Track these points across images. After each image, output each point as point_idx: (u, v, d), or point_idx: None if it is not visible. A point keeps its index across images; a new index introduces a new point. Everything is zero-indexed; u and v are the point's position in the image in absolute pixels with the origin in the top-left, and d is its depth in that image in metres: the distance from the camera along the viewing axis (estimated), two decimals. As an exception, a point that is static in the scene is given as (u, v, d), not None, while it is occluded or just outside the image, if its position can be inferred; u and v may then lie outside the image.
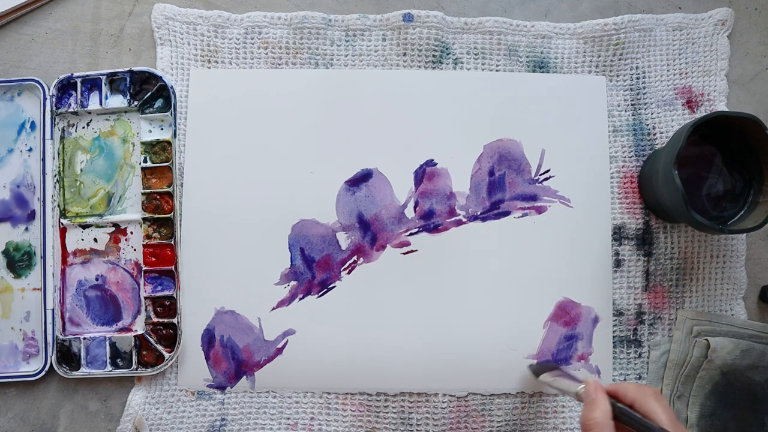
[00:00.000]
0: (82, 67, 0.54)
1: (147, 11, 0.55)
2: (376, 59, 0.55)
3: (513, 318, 0.53)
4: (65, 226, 0.53)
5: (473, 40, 0.55)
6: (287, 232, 0.53)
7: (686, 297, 0.54)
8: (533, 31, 0.55)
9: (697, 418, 0.51)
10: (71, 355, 0.51)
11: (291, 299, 0.52)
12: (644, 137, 0.55)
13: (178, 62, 0.54)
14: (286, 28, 0.55)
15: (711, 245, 0.54)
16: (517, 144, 0.54)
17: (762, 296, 0.54)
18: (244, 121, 0.54)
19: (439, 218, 0.53)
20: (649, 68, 0.56)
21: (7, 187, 0.53)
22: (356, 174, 0.54)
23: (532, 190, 0.54)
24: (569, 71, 0.55)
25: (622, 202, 0.54)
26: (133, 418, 0.51)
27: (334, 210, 0.53)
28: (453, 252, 0.53)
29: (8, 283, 0.52)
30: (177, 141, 0.53)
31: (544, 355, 0.53)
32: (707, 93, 0.55)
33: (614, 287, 0.54)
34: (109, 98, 0.53)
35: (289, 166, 0.53)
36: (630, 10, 0.57)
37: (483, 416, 0.52)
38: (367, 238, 0.53)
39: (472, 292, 0.53)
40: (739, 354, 0.51)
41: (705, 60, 0.56)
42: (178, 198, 0.53)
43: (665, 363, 0.53)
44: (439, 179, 0.54)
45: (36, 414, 0.51)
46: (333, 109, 0.54)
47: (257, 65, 0.55)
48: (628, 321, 0.53)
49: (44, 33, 0.55)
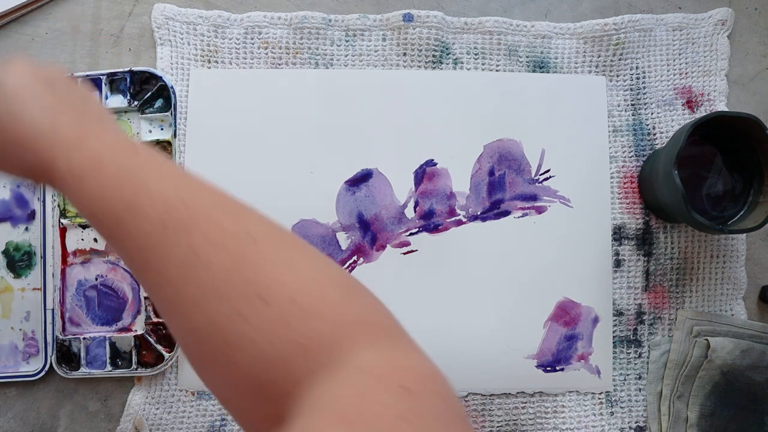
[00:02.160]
0: (82, 67, 0.54)
1: (147, 11, 0.55)
2: (376, 59, 0.55)
3: (513, 318, 0.53)
4: (65, 226, 0.53)
5: (473, 40, 0.55)
6: (287, 232, 0.53)
7: (686, 297, 0.54)
8: (533, 31, 0.55)
9: (697, 418, 0.51)
10: (71, 355, 0.51)
11: (291, 299, 0.52)
12: (644, 137, 0.55)
13: (178, 62, 0.54)
14: (286, 28, 0.55)
15: (711, 245, 0.54)
16: (517, 144, 0.54)
17: (762, 296, 0.54)
18: (244, 121, 0.54)
19: (439, 218, 0.53)
20: (649, 68, 0.56)
21: (7, 187, 0.53)
22: (356, 174, 0.54)
23: (532, 190, 0.54)
24: (569, 71, 0.55)
25: (622, 202, 0.54)
26: (133, 418, 0.51)
27: (334, 210, 0.53)
28: (453, 252, 0.53)
29: (8, 283, 0.52)
30: (177, 141, 0.53)
31: (544, 355, 0.53)
32: (707, 93, 0.55)
33: (614, 287, 0.54)
34: (109, 98, 0.53)
35: (289, 166, 0.53)
36: (630, 10, 0.57)
37: (483, 416, 0.52)
38: (367, 238, 0.53)
39: (472, 292, 0.53)
40: (739, 354, 0.51)
41: (705, 60, 0.56)
42: (178, 198, 0.53)
43: (665, 363, 0.53)
44: (439, 179, 0.54)
45: (36, 414, 0.51)
46: (333, 109, 0.54)
47: (257, 65, 0.55)
48: (628, 321, 0.53)
49: (44, 33, 0.55)
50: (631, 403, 0.53)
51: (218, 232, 0.28)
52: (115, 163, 0.31)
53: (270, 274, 0.26)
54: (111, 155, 0.32)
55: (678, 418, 0.51)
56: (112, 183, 0.30)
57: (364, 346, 0.25)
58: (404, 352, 0.27)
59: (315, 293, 0.26)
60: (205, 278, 0.26)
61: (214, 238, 0.27)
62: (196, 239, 0.27)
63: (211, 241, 0.27)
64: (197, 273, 0.27)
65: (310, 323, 0.25)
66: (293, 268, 0.27)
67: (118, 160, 0.31)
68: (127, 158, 0.32)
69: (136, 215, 0.29)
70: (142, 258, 0.29)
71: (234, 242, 0.27)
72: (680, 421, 0.51)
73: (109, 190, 0.30)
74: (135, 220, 0.29)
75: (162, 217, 0.28)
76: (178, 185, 0.30)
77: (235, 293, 0.26)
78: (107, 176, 0.31)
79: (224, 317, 0.26)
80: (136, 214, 0.29)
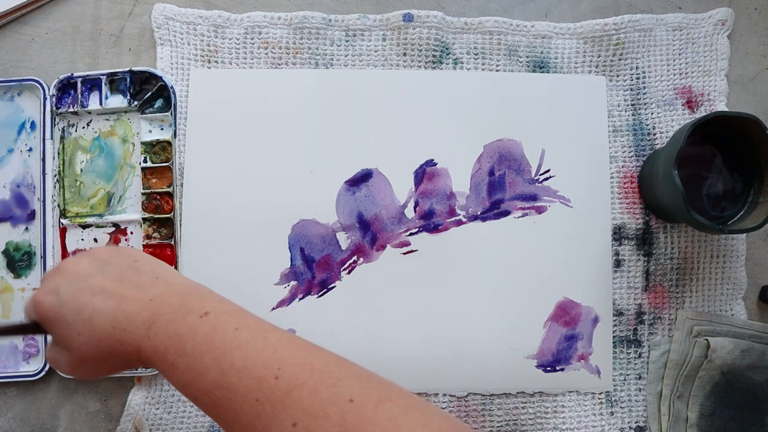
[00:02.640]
0: (82, 67, 0.54)
1: (147, 11, 0.55)
2: (376, 59, 0.55)
3: (513, 318, 0.53)
4: (65, 226, 0.53)
5: (473, 40, 0.55)
6: (287, 232, 0.53)
7: (686, 297, 0.54)
8: (533, 31, 0.55)
9: (697, 418, 0.51)
10: (71, 355, 0.51)
11: (291, 299, 0.52)
12: (644, 137, 0.55)
13: (178, 62, 0.54)
14: (286, 28, 0.55)
15: (711, 245, 0.54)
16: (517, 144, 0.54)
17: (762, 296, 0.54)
18: (244, 121, 0.54)
19: (439, 218, 0.53)
20: (649, 68, 0.56)
21: (7, 187, 0.53)
22: (356, 174, 0.54)
23: (532, 190, 0.54)
24: (569, 71, 0.55)
25: (622, 202, 0.54)
26: (133, 418, 0.51)
27: (334, 210, 0.53)
28: (453, 252, 0.53)
29: (8, 283, 0.52)
30: (177, 141, 0.53)
31: (544, 355, 0.53)
32: (707, 93, 0.55)
33: (614, 287, 0.54)
34: (109, 98, 0.53)
35: (289, 166, 0.53)
36: (630, 10, 0.57)
37: (483, 416, 0.52)
38: (367, 238, 0.53)
39: (472, 292, 0.53)
40: (739, 354, 0.51)
41: (705, 60, 0.56)
42: (178, 198, 0.53)
43: (665, 363, 0.53)
44: (439, 179, 0.54)
45: (36, 414, 0.51)
46: (333, 109, 0.54)
47: (257, 65, 0.55)
48: (628, 321, 0.53)
49: (44, 33, 0.55)
50: (631, 403, 0.53)
51: (317, 403, 0.28)
52: (193, 340, 0.32)
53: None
54: (185, 329, 0.33)
55: (678, 418, 0.51)
56: (196, 362, 0.31)
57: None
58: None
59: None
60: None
61: (314, 411, 0.28)
62: (296, 414, 0.28)
63: (312, 414, 0.28)
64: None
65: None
66: (394, 423, 0.27)
67: (194, 335, 0.32)
68: (202, 330, 0.32)
69: (229, 394, 0.30)
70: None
71: (334, 409, 0.28)
72: (680, 421, 0.51)
73: (195, 373, 0.31)
74: (229, 400, 0.30)
75: (255, 394, 0.29)
76: (261, 351, 0.31)
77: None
78: (191, 357, 0.31)
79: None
80: (228, 392, 0.30)
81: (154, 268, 0.38)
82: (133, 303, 0.35)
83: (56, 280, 0.36)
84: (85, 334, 0.34)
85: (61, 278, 0.36)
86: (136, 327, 0.34)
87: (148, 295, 0.35)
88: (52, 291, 0.36)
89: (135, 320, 0.34)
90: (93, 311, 0.34)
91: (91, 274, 0.36)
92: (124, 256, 0.38)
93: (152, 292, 0.35)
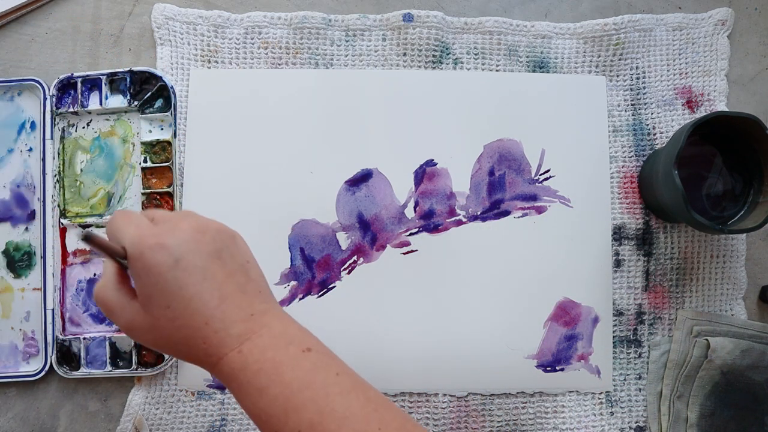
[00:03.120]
0: (82, 67, 0.54)
1: (147, 11, 0.55)
2: (376, 59, 0.55)
3: (513, 318, 0.53)
4: (65, 226, 0.53)
5: (473, 40, 0.55)
6: (287, 232, 0.53)
7: (686, 297, 0.54)
8: (533, 31, 0.55)
9: (697, 418, 0.51)
10: (71, 355, 0.51)
11: (291, 299, 0.52)
12: (644, 137, 0.55)
13: (178, 62, 0.54)
14: (286, 28, 0.55)
15: (711, 245, 0.54)
16: (517, 144, 0.54)
17: (762, 296, 0.54)
18: (244, 121, 0.54)
19: (439, 218, 0.53)
20: (649, 68, 0.56)
21: (7, 187, 0.53)
22: (356, 174, 0.54)
23: (532, 190, 0.54)
24: (569, 71, 0.55)
25: (622, 202, 0.54)
26: (133, 418, 0.51)
27: (334, 210, 0.53)
28: (453, 252, 0.53)
29: (8, 283, 0.52)
30: (177, 141, 0.53)
31: (544, 355, 0.53)
32: (707, 93, 0.56)
33: (614, 287, 0.54)
34: (109, 98, 0.53)
35: (289, 166, 0.53)
36: (630, 10, 0.57)
37: (483, 416, 0.52)
38: (367, 238, 0.53)
39: (472, 292, 0.53)
40: (739, 354, 0.51)
41: (705, 60, 0.56)
42: (178, 198, 0.53)
43: (665, 363, 0.53)
44: (439, 179, 0.54)
45: (36, 414, 0.51)
46: (333, 109, 0.54)
47: (257, 65, 0.55)
48: (628, 321, 0.53)
49: (44, 33, 0.55)
50: (631, 403, 0.53)
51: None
52: (293, 372, 0.31)
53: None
54: (286, 358, 0.32)
55: (678, 418, 0.51)
56: (293, 396, 0.30)
57: None
58: None
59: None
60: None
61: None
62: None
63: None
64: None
65: None
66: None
67: (295, 367, 0.31)
68: (303, 365, 0.31)
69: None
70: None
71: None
72: (680, 421, 0.51)
73: (288, 406, 0.30)
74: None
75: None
76: (363, 405, 0.30)
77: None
78: (287, 388, 0.31)
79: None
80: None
81: (259, 278, 0.35)
82: (234, 310, 0.32)
83: (177, 237, 0.33)
84: (175, 311, 0.32)
85: (182, 240, 0.32)
86: (229, 335, 0.32)
87: (250, 308, 0.33)
88: (167, 249, 0.32)
89: (230, 329, 0.32)
90: (195, 295, 0.32)
91: (210, 253, 0.33)
92: (240, 250, 0.35)
93: (254, 305, 0.33)
